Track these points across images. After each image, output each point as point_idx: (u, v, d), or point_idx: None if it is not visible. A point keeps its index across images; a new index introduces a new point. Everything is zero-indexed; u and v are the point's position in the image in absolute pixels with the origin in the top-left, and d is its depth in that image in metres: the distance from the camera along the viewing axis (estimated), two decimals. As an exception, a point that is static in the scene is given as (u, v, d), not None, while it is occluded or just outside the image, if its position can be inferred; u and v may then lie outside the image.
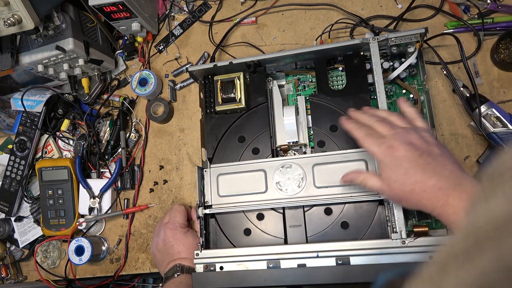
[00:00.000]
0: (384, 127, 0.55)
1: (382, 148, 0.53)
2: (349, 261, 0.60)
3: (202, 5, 0.90)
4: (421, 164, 0.50)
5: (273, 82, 0.77)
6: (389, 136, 0.53)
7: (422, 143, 0.52)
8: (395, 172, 0.51)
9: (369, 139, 0.55)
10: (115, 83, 0.92)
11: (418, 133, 0.53)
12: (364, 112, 0.61)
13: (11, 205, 0.90)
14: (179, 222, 0.74)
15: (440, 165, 0.50)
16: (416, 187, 0.49)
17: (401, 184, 0.51)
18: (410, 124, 0.56)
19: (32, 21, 0.68)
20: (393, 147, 0.52)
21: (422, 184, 0.49)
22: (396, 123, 0.56)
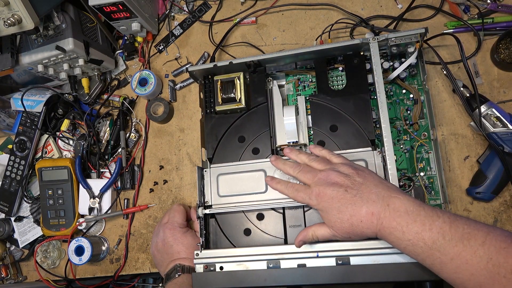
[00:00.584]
0: (307, 176, 0.59)
1: (313, 197, 0.56)
2: (349, 261, 0.60)
3: (202, 5, 0.90)
4: (349, 198, 0.53)
5: (273, 82, 0.77)
6: (313, 184, 0.57)
7: (343, 179, 0.55)
8: (331, 214, 0.54)
9: (299, 195, 0.59)
10: (115, 83, 0.92)
11: (337, 171, 0.57)
12: (285, 163, 0.64)
13: (11, 205, 0.90)
14: (178, 222, 0.74)
15: (366, 192, 0.53)
16: (353, 220, 0.53)
17: (340, 223, 0.54)
18: (328, 164, 0.59)
19: (32, 21, 0.68)
20: (320, 193, 0.55)
21: (357, 216, 0.52)
22: (316, 168, 0.60)
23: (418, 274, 0.56)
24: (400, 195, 0.52)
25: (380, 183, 0.54)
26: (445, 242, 0.47)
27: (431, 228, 0.48)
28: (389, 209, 0.51)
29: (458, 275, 0.46)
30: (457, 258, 0.46)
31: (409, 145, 0.69)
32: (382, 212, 0.51)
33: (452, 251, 0.46)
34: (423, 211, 0.49)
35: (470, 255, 0.45)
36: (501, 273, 0.43)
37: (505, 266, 0.43)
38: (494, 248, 0.44)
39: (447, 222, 0.47)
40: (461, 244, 0.46)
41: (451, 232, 0.47)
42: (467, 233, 0.46)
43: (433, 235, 0.47)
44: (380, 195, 0.52)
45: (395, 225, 0.50)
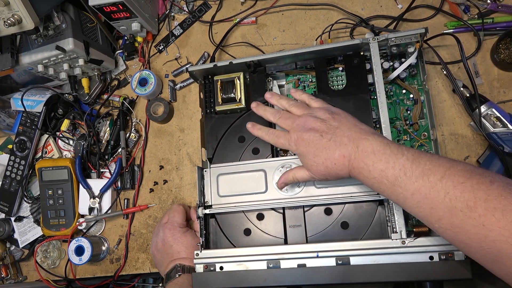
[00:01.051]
0: (286, 122, 0.61)
1: (292, 143, 0.58)
2: (349, 261, 0.60)
3: (202, 5, 0.90)
4: (324, 143, 0.55)
5: (273, 82, 0.77)
6: (292, 129, 0.59)
7: (320, 124, 0.57)
8: (308, 158, 0.57)
9: (279, 141, 0.61)
10: (115, 83, 0.92)
11: (314, 117, 0.58)
12: (265, 109, 0.65)
13: (11, 205, 0.90)
14: (178, 222, 0.74)
15: (339, 136, 0.55)
16: (327, 163, 0.55)
17: (317, 166, 0.56)
18: (307, 110, 0.61)
19: (32, 21, 0.68)
20: (298, 139, 0.57)
21: (331, 159, 0.55)
22: (295, 113, 0.61)
23: (418, 274, 0.56)
24: (370, 136, 0.53)
25: (354, 126, 0.56)
26: (406, 178, 0.48)
27: (394, 166, 0.49)
28: (358, 150, 0.53)
29: (420, 209, 0.48)
30: (417, 193, 0.47)
31: (409, 145, 0.69)
32: (352, 154, 0.53)
33: (412, 186, 0.47)
34: (388, 150, 0.51)
35: (428, 190, 0.46)
36: (458, 207, 0.44)
37: (461, 200, 0.43)
38: (452, 183, 0.45)
39: (410, 159, 0.49)
40: (421, 180, 0.47)
41: (412, 168, 0.48)
42: (428, 169, 0.47)
43: (395, 172, 0.49)
44: (351, 138, 0.54)
45: (362, 165, 0.52)
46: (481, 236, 0.42)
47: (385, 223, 0.64)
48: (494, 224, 0.41)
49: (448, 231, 0.46)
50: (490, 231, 0.41)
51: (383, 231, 0.63)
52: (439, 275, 0.56)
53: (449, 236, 0.47)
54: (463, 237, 0.44)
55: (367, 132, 0.54)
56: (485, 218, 0.42)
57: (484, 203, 0.42)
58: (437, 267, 0.56)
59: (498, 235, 0.41)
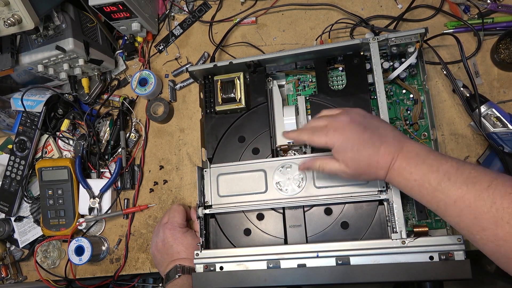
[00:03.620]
0: (322, 120, 0.58)
1: (329, 135, 0.55)
2: (349, 261, 0.60)
3: (202, 5, 0.90)
4: (367, 138, 0.53)
5: (273, 82, 0.77)
6: (330, 123, 0.56)
7: (361, 118, 0.55)
8: (349, 152, 0.54)
9: (315, 136, 0.57)
10: (115, 83, 0.92)
11: (354, 111, 0.57)
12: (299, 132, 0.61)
13: (11, 205, 0.90)
14: (178, 222, 0.74)
15: (383, 134, 0.53)
16: (371, 160, 0.53)
17: (358, 162, 0.53)
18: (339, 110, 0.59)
19: (32, 21, 0.68)
20: (338, 129, 0.54)
21: (375, 157, 0.52)
22: (331, 113, 0.59)
23: (418, 274, 0.56)
24: (413, 141, 0.53)
25: (395, 129, 0.55)
26: (449, 184, 0.46)
27: (438, 170, 0.48)
28: (403, 151, 0.51)
29: (462, 218, 0.46)
30: (461, 201, 0.45)
31: (409, 145, 0.69)
32: (396, 153, 0.51)
33: (456, 193, 0.46)
34: (432, 155, 0.50)
35: (473, 197, 0.44)
36: (505, 219, 0.42)
37: (508, 212, 0.42)
38: (499, 193, 0.43)
39: (454, 166, 0.47)
40: (465, 187, 0.45)
41: (457, 174, 0.46)
42: (473, 176, 0.45)
43: (439, 177, 0.47)
44: (396, 138, 0.53)
45: (404, 166, 0.50)
46: None
47: (385, 223, 0.64)
48: None
49: (490, 243, 0.44)
50: None
51: (383, 231, 0.63)
52: (439, 275, 0.56)
53: (490, 249, 0.45)
54: (506, 251, 0.42)
55: (406, 137, 0.53)
56: None
57: None
58: (437, 267, 0.56)
59: None
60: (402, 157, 0.51)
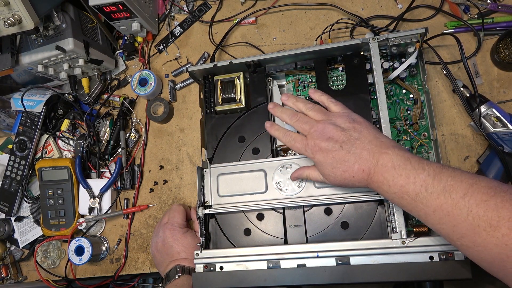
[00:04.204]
0: (303, 127, 0.60)
1: (308, 150, 0.58)
2: (349, 261, 0.60)
3: (202, 5, 0.90)
4: (342, 155, 0.55)
5: (273, 82, 0.77)
6: (310, 135, 0.58)
7: (339, 134, 0.56)
8: (325, 168, 0.57)
9: (295, 145, 0.60)
10: (115, 83, 0.92)
11: (334, 124, 0.57)
12: (282, 110, 0.64)
13: (11, 205, 0.90)
14: (178, 222, 0.74)
15: (359, 148, 0.54)
16: (345, 176, 0.55)
17: (334, 177, 0.56)
18: (326, 115, 0.59)
19: (32, 21, 0.68)
20: (315, 147, 0.57)
21: (349, 172, 0.54)
22: (314, 118, 0.60)
23: (418, 274, 0.56)
24: (390, 150, 0.52)
25: (375, 138, 0.55)
26: (427, 195, 0.47)
27: (415, 182, 0.48)
28: (378, 165, 0.52)
29: (442, 226, 0.47)
30: (439, 210, 0.46)
31: (409, 145, 0.69)
32: (372, 168, 0.52)
33: (434, 203, 0.47)
34: (409, 165, 0.50)
35: (451, 207, 0.45)
36: (481, 226, 0.43)
37: (484, 219, 0.42)
38: (474, 201, 0.44)
39: (431, 174, 0.48)
40: (442, 197, 0.46)
41: (434, 184, 0.47)
42: (450, 185, 0.46)
43: (416, 188, 0.48)
44: (372, 152, 0.53)
45: (382, 180, 0.51)
46: (504, 256, 0.41)
47: (385, 223, 0.64)
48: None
49: (470, 249, 0.45)
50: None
51: (383, 231, 0.63)
52: (439, 275, 0.56)
53: (471, 254, 0.46)
54: (485, 256, 0.43)
55: (387, 146, 0.53)
56: (508, 238, 0.41)
57: (508, 222, 0.41)
58: (437, 267, 0.56)
59: None
60: (378, 172, 0.52)
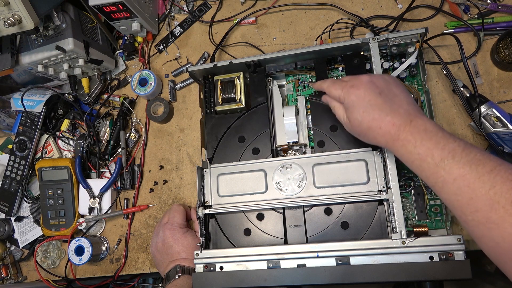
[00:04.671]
0: (346, 77, 0.60)
1: (345, 89, 0.56)
2: (349, 261, 0.60)
3: (202, 5, 0.90)
4: (379, 103, 0.54)
5: (273, 82, 0.77)
6: (351, 79, 0.58)
7: (383, 82, 0.56)
8: (355, 111, 0.55)
9: (334, 86, 0.59)
10: (115, 83, 0.92)
11: (380, 75, 0.57)
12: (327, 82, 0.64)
13: (11, 205, 0.90)
14: (178, 222, 0.74)
15: (397, 104, 0.54)
16: (373, 124, 0.54)
17: (360, 122, 0.55)
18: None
19: (32, 21, 0.68)
20: (355, 86, 0.56)
21: (378, 122, 0.53)
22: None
23: (418, 274, 0.56)
24: (426, 118, 0.53)
25: (412, 103, 0.55)
26: (453, 162, 0.47)
27: (444, 148, 0.48)
28: (411, 124, 0.51)
29: (457, 197, 0.46)
30: (460, 180, 0.46)
31: (409, 145, 0.69)
32: (403, 126, 0.52)
33: (457, 172, 0.46)
34: (441, 133, 0.50)
35: (474, 178, 0.45)
36: (501, 203, 0.42)
37: (506, 197, 0.42)
38: (501, 178, 0.43)
39: (461, 146, 0.47)
40: (468, 167, 0.45)
41: (462, 154, 0.46)
42: (478, 159, 0.46)
43: (443, 154, 0.48)
44: (407, 112, 0.53)
45: (410, 139, 0.50)
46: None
47: (385, 223, 0.64)
48: None
49: (481, 225, 0.44)
50: None
51: (383, 231, 0.63)
52: (439, 275, 0.56)
53: (480, 232, 0.45)
54: (496, 235, 0.43)
55: (422, 113, 0.54)
56: None
57: None
58: (437, 267, 0.56)
59: None
60: (409, 130, 0.51)
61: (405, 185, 0.67)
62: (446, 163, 0.47)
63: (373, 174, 0.64)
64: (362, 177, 0.65)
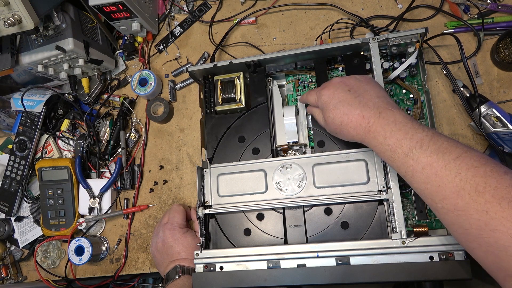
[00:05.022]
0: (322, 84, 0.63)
1: (318, 93, 0.60)
2: (349, 261, 0.60)
3: (202, 5, 0.90)
4: (348, 98, 0.56)
5: (273, 82, 0.77)
6: (325, 83, 0.61)
7: (353, 81, 0.58)
8: (328, 110, 0.58)
9: (310, 93, 0.63)
10: (115, 83, 0.92)
11: (353, 76, 0.60)
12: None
13: (11, 205, 0.90)
14: (178, 222, 0.74)
15: (366, 98, 0.56)
16: (344, 119, 0.56)
17: (333, 119, 0.57)
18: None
19: (32, 21, 0.68)
20: (325, 87, 0.59)
21: (348, 116, 0.55)
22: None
23: (418, 274, 0.56)
24: (395, 109, 0.54)
25: (383, 96, 0.56)
26: (420, 151, 0.48)
27: (412, 138, 0.49)
28: (380, 117, 0.53)
29: (427, 186, 0.47)
30: (428, 168, 0.47)
31: (409, 145, 0.69)
32: (372, 118, 0.53)
33: (424, 160, 0.47)
34: (410, 124, 0.51)
35: (440, 166, 0.46)
36: (466, 189, 0.43)
37: (470, 183, 0.43)
38: (465, 165, 0.44)
39: (429, 135, 0.49)
40: (435, 155, 0.47)
41: (429, 143, 0.48)
42: (445, 147, 0.47)
43: (411, 144, 0.49)
44: (377, 105, 0.55)
45: (380, 130, 0.52)
46: (482, 223, 0.42)
47: (385, 223, 0.64)
48: (498, 213, 0.41)
49: (450, 212, 0.45)
50: (492, 219, 0.41)
51: (383, 231, 0.63)
52: (439, 275, 0.56)
53: (449, 219, 0.46)
54: (464, 221, 0.44)
55: (393, 105, 0.55)
56: (490, 205, 0.41)
57: (493, 190, 0.42)
58: (437, 267, 0.56)
59: (499, 225, 0.40)
60: (378, 123, 0.53)
61: (405, 185, 0.67)
62: (414, 153, 0.48)
63: (373, 174, 0.64)
64: (362, 177, 0.65)
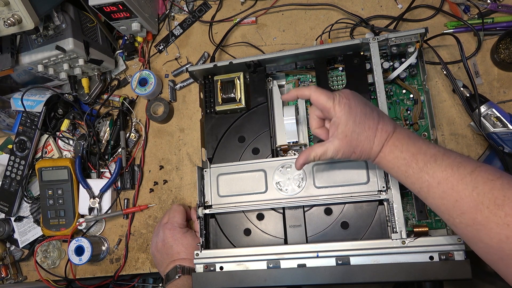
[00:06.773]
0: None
1: (336, 102, 0.53)
2: (349, 261, 0.60)
3: (202, 5, 0.90)
4: (369, 111, 0.54)
5: (273, 82, 0.77)
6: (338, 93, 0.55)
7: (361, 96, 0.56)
8: (348, 123, 0.53)
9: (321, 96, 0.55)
10: (115, 83, 0.92)
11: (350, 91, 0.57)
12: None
13: (11, 205, 0.90)
14: (178, 222, 0.74)
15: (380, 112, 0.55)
16: (369, 133, 0.53)
17: (358, 134, 0.53)
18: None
19: (32, 21, 0.68)
20: (344, 98, 0.54)
21: (373, 130, 0.53)
22: None
23: (418, 274, 0.56)
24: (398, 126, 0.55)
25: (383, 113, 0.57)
26: (435, 165, 0.48)
27: (426, 153, 0.50)
28: (396, 131, 0.53)
29: (443, 201, 0.47)
30: (444, 183, 0.47)
31: (409, 145, 0.69)
32: (391, 133, 0.53)
33: (440, 175, 0.47)
34: (421, 140, 0.52)
35: (457, 180, 0.46)
36: (485, 203, 0.43)
37: (489, 197, 0.43)
38: (482, 178, 0.44)
39: (442, 151, 0.49)
40: (450, 170, 0.47)
41: (443, 158, 0.48)
42: (458, 162, 0.47)
43: (426, 158, 0.49)
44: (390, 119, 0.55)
45: (397, 144, 0.52)
46: (503, 237, 0.41)
47: (385, 223, 0.64)
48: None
49: (469, 227, 0.45)
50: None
51: (383, 231, 0.63)
52: (439, 275, 0.56)
53: (469, 233, 0.45)
54: (484, 235, 0.43)
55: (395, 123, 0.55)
56: (510, 218, 0.41)
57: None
58: (437, 267, 0.56)
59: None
60: (396, 137, 0.53)
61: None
62: (430, 167, 0.48)
63: (373, 174, 0.64)
64: (362, 177, 0.65)
